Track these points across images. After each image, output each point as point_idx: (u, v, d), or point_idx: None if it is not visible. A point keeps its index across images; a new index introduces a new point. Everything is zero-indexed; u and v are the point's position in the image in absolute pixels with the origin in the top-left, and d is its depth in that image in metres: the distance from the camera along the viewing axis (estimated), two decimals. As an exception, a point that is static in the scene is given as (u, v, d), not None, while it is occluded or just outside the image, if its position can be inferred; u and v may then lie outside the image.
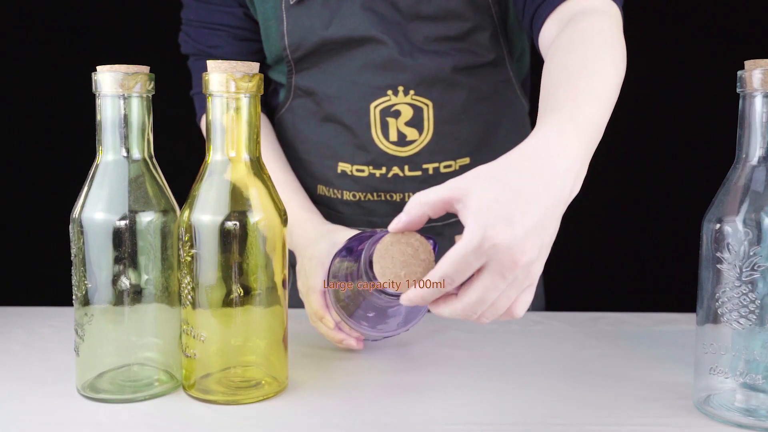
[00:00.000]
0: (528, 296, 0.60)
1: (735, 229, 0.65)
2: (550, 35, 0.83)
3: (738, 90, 0.66)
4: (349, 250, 0.73)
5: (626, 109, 1.06)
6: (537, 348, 0.87)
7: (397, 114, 0.97)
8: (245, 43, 1.02)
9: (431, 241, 0.63)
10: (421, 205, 0.59)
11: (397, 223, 0.60)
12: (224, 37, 1.01)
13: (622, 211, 1.98)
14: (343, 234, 0.84)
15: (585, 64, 0.69)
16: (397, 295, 0.64)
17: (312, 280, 0.83)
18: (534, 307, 1.14)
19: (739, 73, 0.66)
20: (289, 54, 0.98)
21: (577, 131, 0.62)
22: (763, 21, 1.84)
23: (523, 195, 0.57)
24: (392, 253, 0.60)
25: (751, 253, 0.64)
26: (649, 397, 0.72)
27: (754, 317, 0.64)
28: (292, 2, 0.95)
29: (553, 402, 0.71)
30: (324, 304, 0.82)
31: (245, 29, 1.01)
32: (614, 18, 0.78)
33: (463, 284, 0.58)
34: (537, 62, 1.08)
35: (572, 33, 0.75)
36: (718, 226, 0.66)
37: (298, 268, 0.88)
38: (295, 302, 1.03)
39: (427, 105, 0.97)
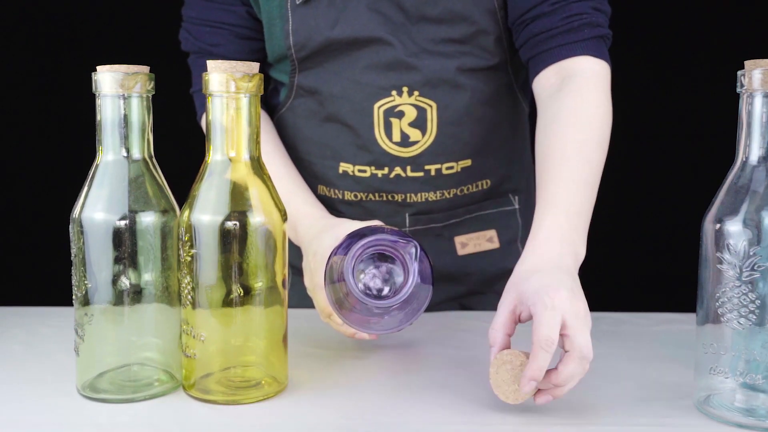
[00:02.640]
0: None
1: (735, 229, 0.65)
2: (546, 81, 0.91)
3: (738, 90, 0.66)
4: (345, 249, 0.73)
5: (626, 110, 1.06)
6: (537, 348, 0.87)
7: (401, 114, 0.97)
8: (246, 42, 1.02)
9: (413, 244, 0.66)
10: (500, 331, 0.71)
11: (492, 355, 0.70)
12: (225, 35, 1.01)
13: (622, 212, 1.98)
14: (346, 227, 0.84)
15: (580, 151, 0.83)
16: (384, 306, 0.68)
17: (317, 277, 0.82)
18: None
19: (739, 73, 0.66)
20: (294, 53, 0.98)
21: (566, 217, 0.78)
22: (763, 21, 1.84)
23: (549, 265, 0.73)
24: (502, 375, 0.68)
25: (751, 253, 0.64)
26: (649, 397, 0.72)
27: (754, 317, 0.64)
28: (298, 2, 0.95)
29: (553, 402, 0.71)
30: None
31: (247, 28, 1.01)
32: (603, 80, 0.90)
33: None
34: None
35: (570, 112, 0.86)
36: (718, 226, 0.66)
37: (303, 264, 0.88)
38: (295, 302, 1.03)
39: (431, 106, 0.97)
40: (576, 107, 0.86)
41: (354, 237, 0.73)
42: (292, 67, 1.00)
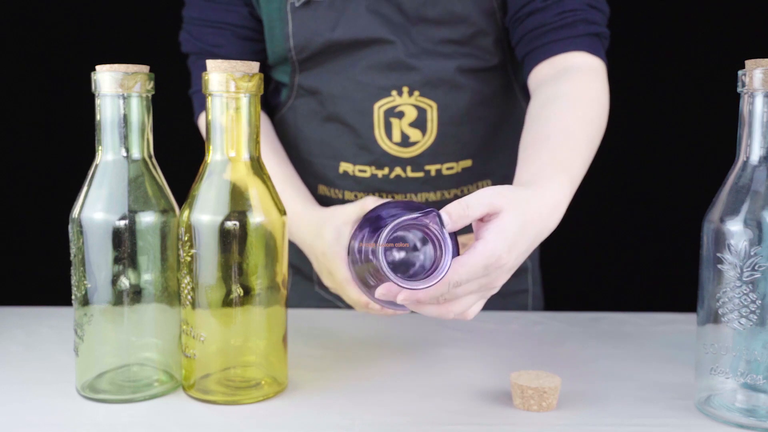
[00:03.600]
0: (481, 305, 0.68)
1: (736, 229, 0.65)
2: (541, 75, 0.91)
3: (738, 90, 0.66)
4: (371, 234, 0.71)
5: (626, 110, 1.06)
6: (537, 348, 0.87)
7: (401, 115, 0.97)
8: (249, 43, 1.02)
9: (434, 213, 0.64)
10: (467, 218, 0.64)
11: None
12: (228, 36, 1.01)
13: (622, 212, 1.98)
14: (340, 215, 0.84)
15: (578, 126, 0.81)
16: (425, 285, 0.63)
17: (338, 274, 0.81)
18: (534, 307, 1.14)
19: (739, 72, 0.66)
20: (294, 55, 0.98)
21: (570, 188, 0.74)
22: (763, 21, 1.83)
23: (531, 234, 0.67)
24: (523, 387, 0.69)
25: (752, 253, 0.64)
26: (649, 397, 0.72)
27: (755, 317, 0.64)
28: (297, 4, 0.95)
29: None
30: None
31: (249, 28, 1.01)
32: (600, 74, 0.89)
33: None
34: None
35: (568, 90, 0.85)
36: (718, 226, 0.66)
37: (316, 267, 0.88)
38: (295, 302, 1.03)
39: (431, 106, 0.97)
40: (576, 90, 0.85)
41: (370, 220, 0.71)
42: (293, 68, 1.00)
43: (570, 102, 0.83)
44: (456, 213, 0.63)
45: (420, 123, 0.97)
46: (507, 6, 0.95)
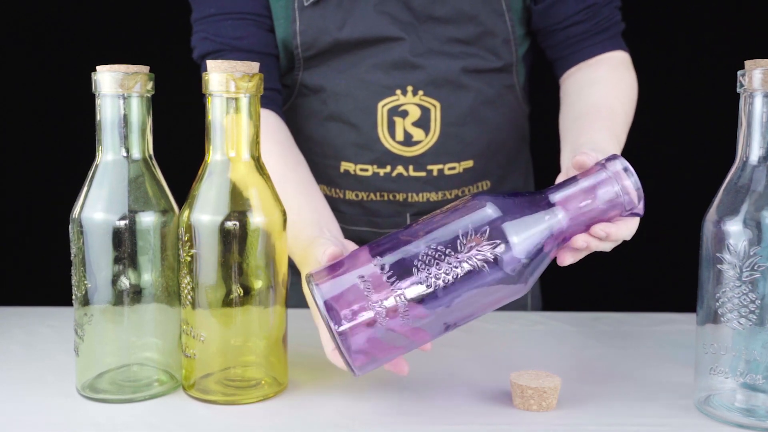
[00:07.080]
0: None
1: (735, 229, 0.65)
2: (575, 70, 1.00)
3: (738, 90, 0.66)
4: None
5: (626, 109, 1.07)
6: (537, 348, 0.87)
7: (404, 114, 0.97)
8: (271, 35, 0.98)
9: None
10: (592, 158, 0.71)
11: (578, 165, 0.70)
12: (249, 27, 0.96)
13: (622, 211, 1.98)
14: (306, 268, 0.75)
15: (618, 104, 0.90)
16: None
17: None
18: (533, 306, 1.14)
19: (738, 73, 0.66)
20: (301, 53, 0.98)
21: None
22: (763, 21, 1.84)
23: None
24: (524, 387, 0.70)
25: (752, 253, 0.64)
26: (649, 397, 0.72)
27: (755, 317, 0.64)
28: (306, 3, 0.95)
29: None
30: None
31: (270, 18, 0.97)
32: (630, 65, 1.00)
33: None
34: (537, 67, 1.09)
35: (605, 75, 0.96)
36: (718, 226, 0.66)
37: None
38: (295, 302, 1.03)
39: (434, 106, 0.97)
40: (612, 75, 0.96)
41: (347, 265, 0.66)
42: (297, 65, 0.99)
43: (609, 85, 0.93)
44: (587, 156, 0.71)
45: (423, 122, 0.97)
46: (536, 14, 0.99)
